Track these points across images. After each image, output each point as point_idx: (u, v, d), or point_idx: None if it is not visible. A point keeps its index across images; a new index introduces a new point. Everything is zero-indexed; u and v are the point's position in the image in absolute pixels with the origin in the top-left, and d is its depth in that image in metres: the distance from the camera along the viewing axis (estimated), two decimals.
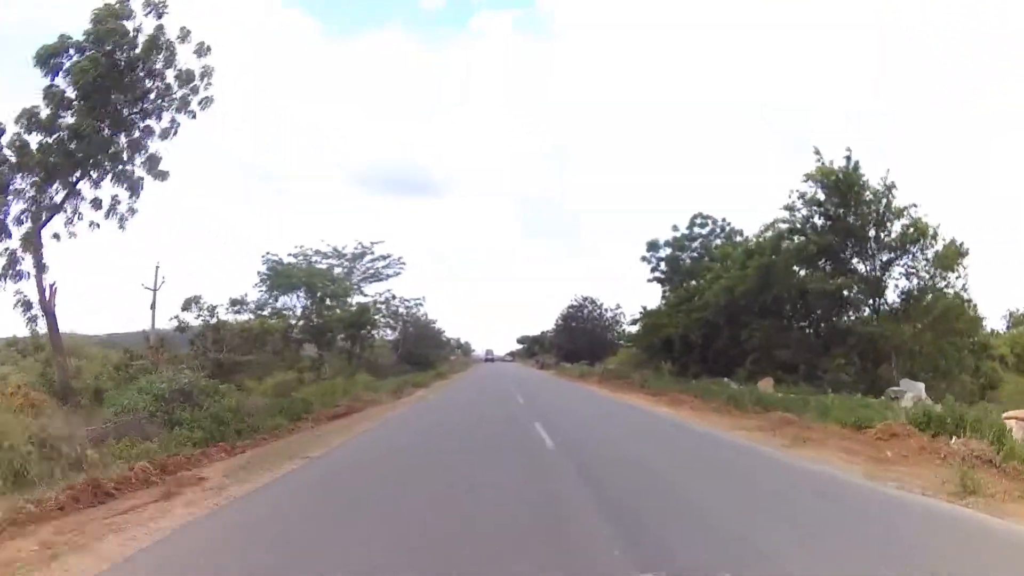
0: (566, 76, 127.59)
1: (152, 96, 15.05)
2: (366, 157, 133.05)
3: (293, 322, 29.09)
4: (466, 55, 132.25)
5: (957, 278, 20.87)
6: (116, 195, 15.01)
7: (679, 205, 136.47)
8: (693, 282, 30.40)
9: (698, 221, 33.88)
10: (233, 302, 28.76)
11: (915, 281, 21.78)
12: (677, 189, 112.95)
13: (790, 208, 22.99)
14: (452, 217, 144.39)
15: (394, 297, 44.35)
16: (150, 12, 14.51)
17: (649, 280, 34.18)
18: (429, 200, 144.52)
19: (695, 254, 32.81)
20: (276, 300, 30.13)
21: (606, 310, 62.69)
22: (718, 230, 33.67)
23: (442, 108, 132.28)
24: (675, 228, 33.86)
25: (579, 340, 61.07)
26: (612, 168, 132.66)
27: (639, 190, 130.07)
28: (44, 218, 14.34)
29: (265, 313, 28.03)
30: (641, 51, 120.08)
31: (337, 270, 42.27)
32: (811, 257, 22.40)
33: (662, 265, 33.73)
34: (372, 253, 42.83)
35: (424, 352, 50.69)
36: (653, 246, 33.75)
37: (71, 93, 14.05)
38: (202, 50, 15.17)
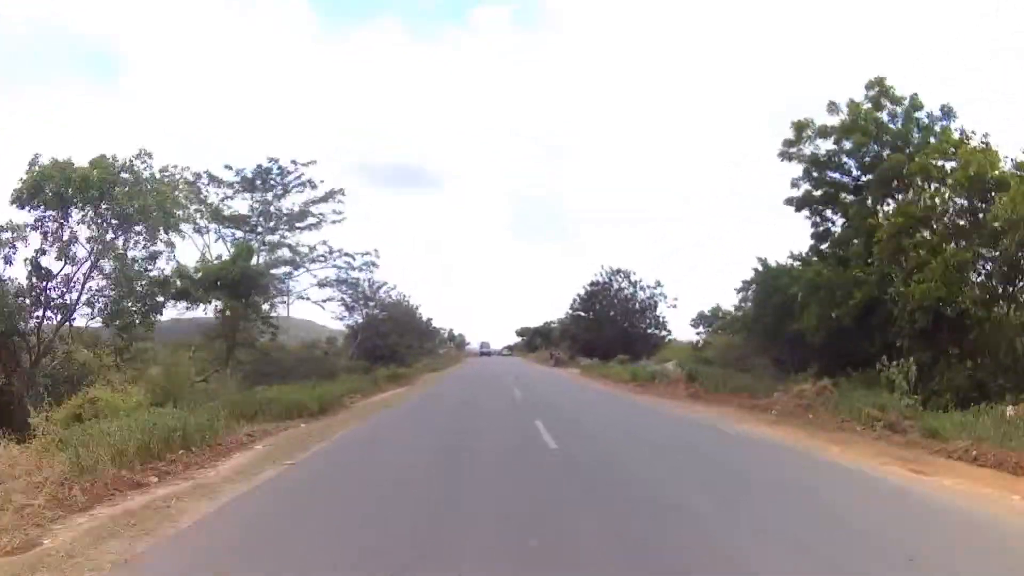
0: (562, 66, 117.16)
1: None
2: (358, 148, 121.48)
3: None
4: (463, 50, 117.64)
5: None
6: None
7: (675, 194, 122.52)
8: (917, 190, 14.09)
9: (871, 94, 17.64)
10: None
11: None
12: (675, 176, 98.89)
13: None
14: (447, 210, 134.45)
15: (332, 251, 27.27)
16: None
17: (787, 202, 17.78)
18: (424, 194, 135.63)
19: (887, 147, 16.55)
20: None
21: (641, 288, 46.07)
22: (912, 114, 17.53)
23: (437, 100, 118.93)
24: (832, 108, 17.56)
25: (606, 328, 44.55)
26: (611, 161, 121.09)
27: (638, 182, 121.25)
28: None
29: None
30: (641, 42, 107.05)
31: (243, 209, 25.46)
32: None
33: (814, 172, 17.33)
34: (299, 179, 25.76)
35: (395, 344, 33.88)
36: (800, 132, 17.29)
37: None
38: None
